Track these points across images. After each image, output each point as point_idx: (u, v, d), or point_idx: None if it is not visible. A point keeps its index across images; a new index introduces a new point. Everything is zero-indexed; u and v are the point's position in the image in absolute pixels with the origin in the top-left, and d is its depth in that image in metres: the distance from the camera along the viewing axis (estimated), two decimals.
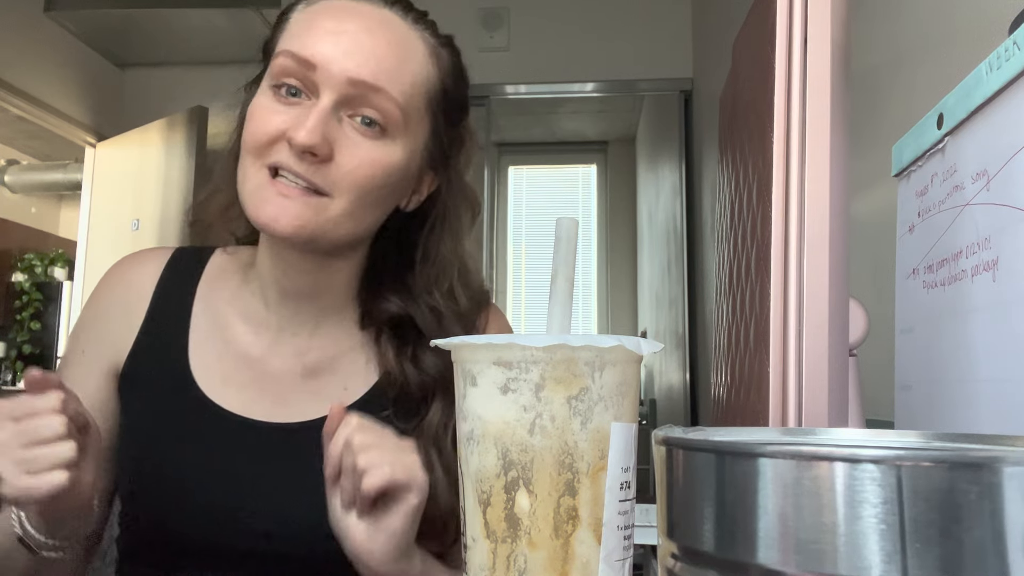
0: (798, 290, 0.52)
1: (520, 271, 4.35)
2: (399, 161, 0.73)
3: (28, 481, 0.57)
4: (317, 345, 0.81)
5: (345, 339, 0.82)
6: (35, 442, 0.58)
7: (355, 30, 0.70)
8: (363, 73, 0.69)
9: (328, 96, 0.69)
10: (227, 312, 0.82)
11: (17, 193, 5.30)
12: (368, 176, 0.70)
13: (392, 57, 0.71)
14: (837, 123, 0.53)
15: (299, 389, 0.80)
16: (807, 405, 0.51)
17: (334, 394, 0.80)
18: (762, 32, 0.61)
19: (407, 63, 0.72)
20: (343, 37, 0.70)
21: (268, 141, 0.70)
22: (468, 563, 0.41)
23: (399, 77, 0.71)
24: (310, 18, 0.72)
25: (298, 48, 0.70)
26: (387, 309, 0.80)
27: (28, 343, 5.14)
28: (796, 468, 0.26)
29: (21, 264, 5.27)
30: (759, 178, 0.60)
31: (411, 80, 0.72)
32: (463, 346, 0.41)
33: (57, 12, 3.55)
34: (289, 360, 0.80)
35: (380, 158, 0.71)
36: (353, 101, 0.70)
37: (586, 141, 4.44)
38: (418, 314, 0.80)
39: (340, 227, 0.72)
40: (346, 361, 0.81)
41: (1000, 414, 0.58)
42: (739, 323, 0.69)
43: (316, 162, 0.69)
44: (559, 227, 0.45)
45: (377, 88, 0.69)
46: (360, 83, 0.69)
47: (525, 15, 3.65)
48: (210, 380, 0.79)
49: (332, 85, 0.69)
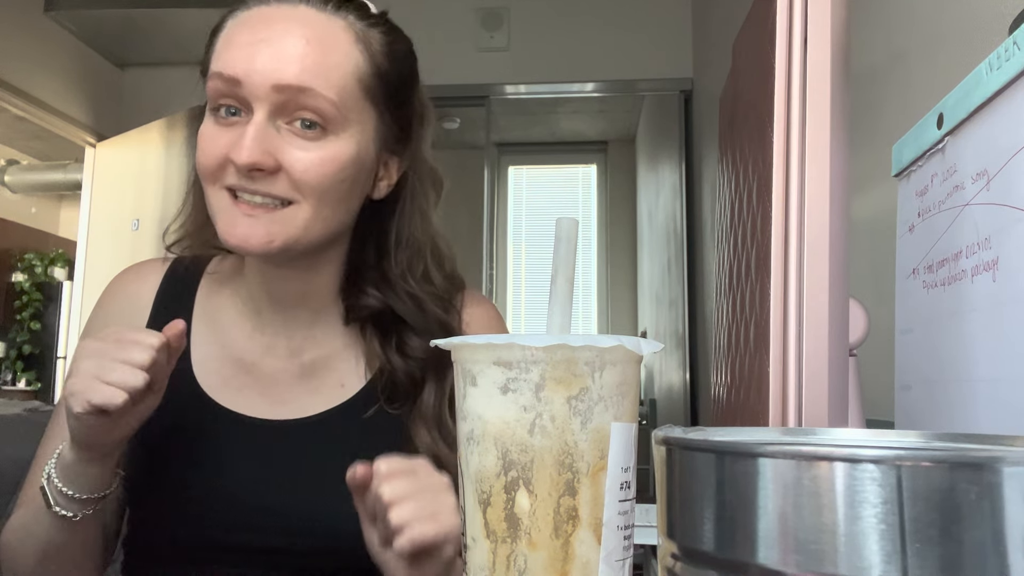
0: (798, 290, 0.52)
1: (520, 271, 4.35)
2: (348, 155, 0.72)
3: (92, 387, 0.62)
4: (311, 346, 0.83)
5: (337, 338, 0.83)
6: (119, 360, 0.63)
7: (272, 37, 0.70)
8: (286, 77, 0.68)
9: (260, 109, 0.69)
10: (224, 318, 0.84)
11: (17, 193, 5.31)
12: (321, 176, 0.71)
13: (313, 54, 0.70)
14: (837, 123, 0.53)
15: (297, 388, 0.81)
16: (807, 405, 0.51)
17: (331, 391, 0.81)
18: (762, 32, 0.61)
19: (330, 56, 0.71)
20: (261, 46, 0.69)
21: (216, 166, 0.71)
22: (468, 563, 0.41)
23: (324, 72, 0.70)
24: (229, 34, 0.72)
25: (222, 67, 0.70)
26: (367, 304, 0.81)
27: (28, 343, 5.14)
28: (796, 468, 0.26)
29: (21, 264, 5.28)
30: (759, 178, 0.60)
31: (339, 73, 0.71)
32: (463, 346, 0.41)
33: (57, 12, 3.55)
34: (285, 361, 0.82)
35: (328, 156, 0.71)
36: (285, 107, 0.70)
37: (586, 141, 4.44)
38: (397, 303, 0.80)
39: (310, 231, 0.72)
40: (340, 359, 0.83)
41: (1000, 414, 0.58)
42: (739, 323, 0.69)
43: (266, 176, 0.69)
44: (559, 227, 0.45)
45: (304, 88, 0.69)
46: (286, 88, 0.69)
47: (525, 15, 3.64)
48: (212, 382, 0.81)
49: (260, 97, 0.69)
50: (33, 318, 5.19)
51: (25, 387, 5.07)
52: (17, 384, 5.09)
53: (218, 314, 0.84)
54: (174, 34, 3.74)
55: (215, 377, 0.81)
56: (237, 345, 0.83)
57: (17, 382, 5.10)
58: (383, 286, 0.81)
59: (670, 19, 3.58)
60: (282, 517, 0.75)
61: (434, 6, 3.55)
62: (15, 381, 5.10)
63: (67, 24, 3.65)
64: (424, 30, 4.02)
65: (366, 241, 0.82)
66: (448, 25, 3.58)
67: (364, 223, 0.81)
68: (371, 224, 0.82)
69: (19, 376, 5.12)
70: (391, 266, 0.81)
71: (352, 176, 0.74)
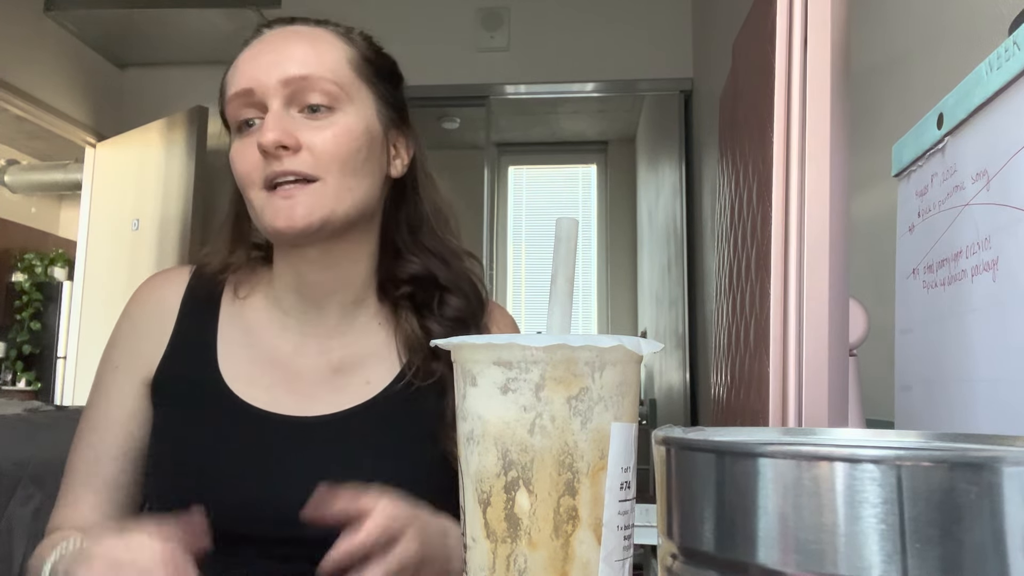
0: (798, 290, 0.52)
1: (520, 271, 4.35)
2: (358, 127, 0.80)
3: None
4: (340, 344, 0.86)
5: (366, 335, 0.87)
6: None
7: (271, 48, 0.81)
8: (290, 71, 0.78)
9: (273, 102, 0.78)
10: (251, 319, 0.87)
11: (17, 193, 5.31)
12: (337, 147, 0.78)
13: (309, 49, 0.81)
14: (837, 123, 0.53)
15: (325, 385, 0.84)
16: (807, 405, 0.51)
17: (358, 388, 0.84)
18: (762, 32, 0.61)
19: (323, 50, 0.81)
20: (263, 56, 0.80)
21: (251, 167, 0.78)
22: (468, 563, 0.41)
23: (321, 61, 0.80)
24: (235, 66, 0.82)
25: (235, 87, 0.80)
26: (409, 271, 0.87)
27: (28, 343, 5.14)
28: (796, 468, 0.26)
29: (21, 264, 5.28)
30: (759, 178, 0.60)
31: (332, 59, 0.81)
32: (463, 346, 0.41)
33: (57, 12, 3.55)
34: (315, 359, 0.85)
35: (340, 131, 0.79)
36: (295, 97, 0.79)
37: (586, 141, 4.44)
38: (436, 267, 0.87)
39: (342, 201, 0.79)
40: (369, 356, 0.86)
41: (1000, 414, 0.58)
42: (739, 323, 0.69)
43: (291, 154, 0.77)
44: (559, 227, 0.45)
45: (306, 76, 0.78)
46: (291, 80, 0.78)
47: (525, 15, 3.64)
48: (239, 381, 0.83)
49: (271, 94, 0.78)
50: (33, 318, 5.19)
51: (25, 387, 5.07)
52: (17, 384, 5.09)
53: (245, 316, 0.87)
54: (174, 34, 3.74)
55: (242, 375, 0.83)
56: (265, 344, 0.85)
57: (17, 382, 5.10)
58: (419, 252, 0.88)
59: (670, 19, 3.58)
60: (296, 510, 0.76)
61: (434, 6, 3.55)
62: (15, 381, 5.10)
63: (67, 24, 3.65)
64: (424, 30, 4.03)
65: (397, 222, 0.89)
66: (448, 25, 3.58)
67: (389, 208, 0.88)
68: (396, 207, 0.89)
69: (19, 376, 5.12)
70: (425, 235, 0.88)
71: (366, 146, 0.81)
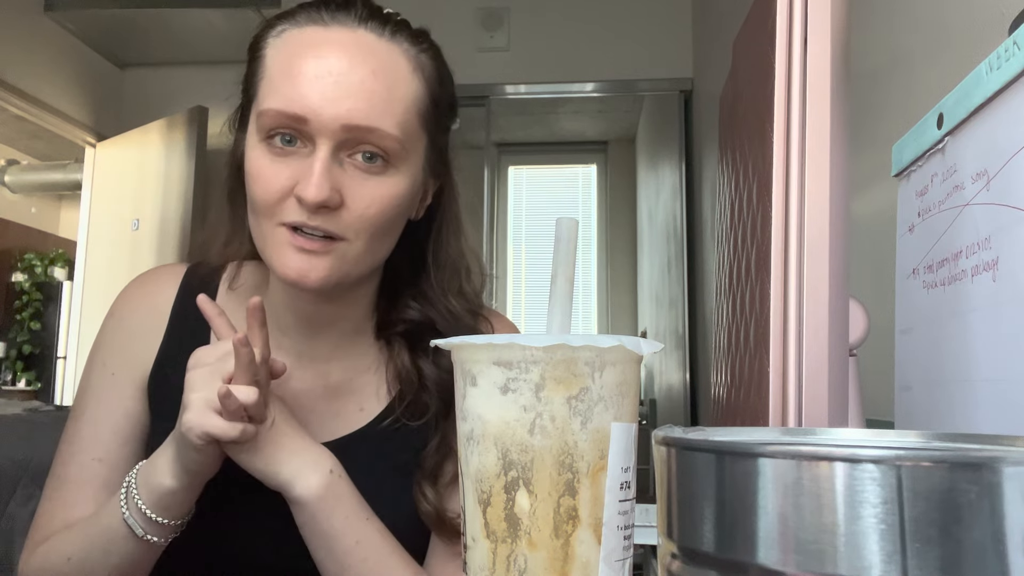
0: (798, 290, 0.52)
1: (520, 271, 4.35)
2: (406, 189, 0.72)
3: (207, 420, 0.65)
4: (337, 368, 0.82)
5: (362, 360, 0.83)
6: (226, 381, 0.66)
7: (337, 70, 0.67)
8: (356, 118, 0.67)
9: (325, 145, 0.67)
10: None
11: (17, 193, 5.30)
12: (380, 213, 0.70)
13: (380, 89, 0.68)
14: (837, 123, 0.53)
15: (319, 409, 0.80)
16: (807, 405, 0.51)
17: (351, 415, 0.81)
18: (762, 32, 0.61)
19: (395, 90, 0.70)
20: (327, 81, 0.67)
21: (276, 201, 0.69)
22: (468, 563, 0.41)
23: (391, 109, 0.69)
24: (287, 60, 0.69)
25: (284, 105, 0.67)
26: (407, 317, 0.81)
27: (28, 343, 5.14)
28: (796, 468, 0.26)
29: (21, 264, 5.28)
30: (759, 178, 0.60)
31: (403, 108, 0.70)
32: (463, 346, 0.41)
33: (57, 12, 3.56)
34: (310, 382, 0.81)
35: (388, 192, 0.70)
36: (349, 143, 0.68)
37: (586, 141, 4.44)
38: (437, 317, 0.81)
39: (361, 265, 0.72)
40: (363, 382, 0.82)
41: (1000, 414, 0.58)
42: (739, 323, 0.69)
43: (329, 212, 0.68)
44: (559, 227, 0.45)
45: (372, 129, 0.68)
46: (354, 128, 0.67)
47: (525, 15, 3.64)
48: None
49: (327, 134, 0.67)
50: (33, 318, 5.18)
51: (25, 387, 5.06)
52: (17, 384, 5.09)
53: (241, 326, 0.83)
54: (174, 34, 3.75)
55: None
56: None
57: (17, 382, 5.10)
58: (421, 300, 0.82)
59: (670, 19, 3.58)
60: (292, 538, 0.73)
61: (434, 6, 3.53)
62: (15, 381, 5.10)
63: (67, 24, 3.65)
64: None
65: (402, 259, 0.82)
66: (448, 25, 3.57)
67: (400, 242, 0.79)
68: (407, 242, 0.80)
69: (19, 376, 5.11)
70: (430, 283, 0.82)
71: (406, 208, 0.74)
